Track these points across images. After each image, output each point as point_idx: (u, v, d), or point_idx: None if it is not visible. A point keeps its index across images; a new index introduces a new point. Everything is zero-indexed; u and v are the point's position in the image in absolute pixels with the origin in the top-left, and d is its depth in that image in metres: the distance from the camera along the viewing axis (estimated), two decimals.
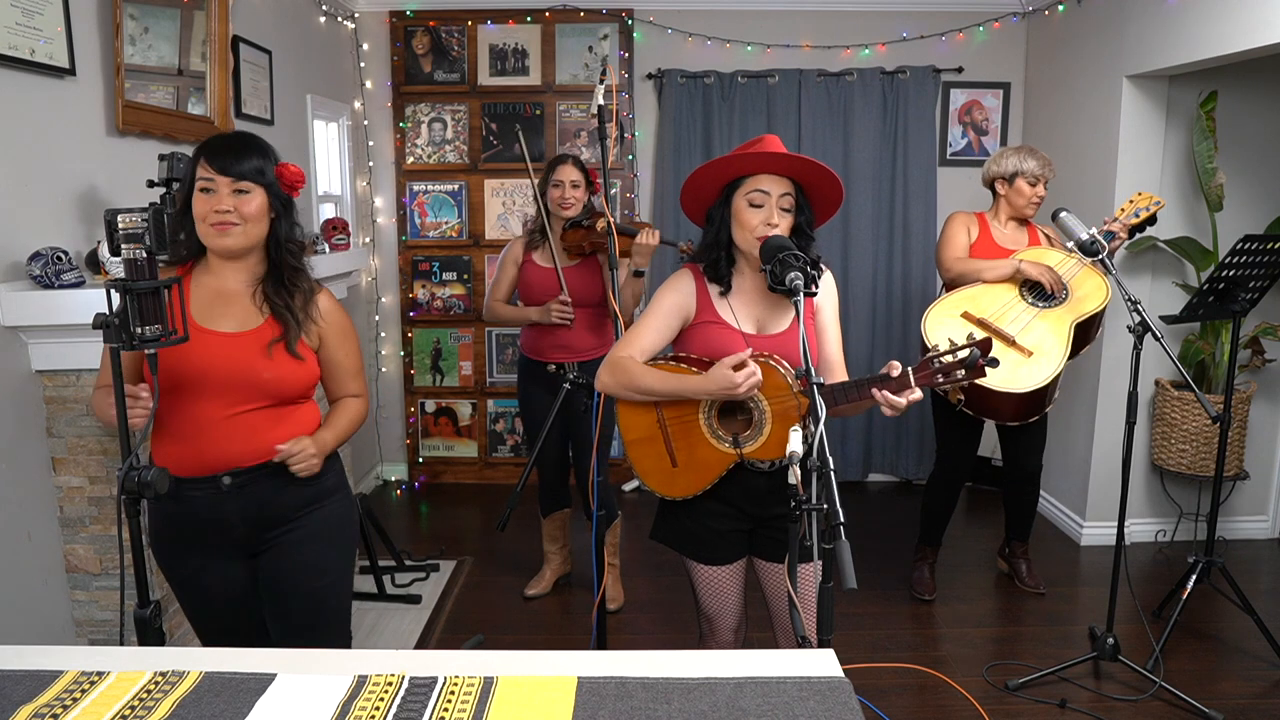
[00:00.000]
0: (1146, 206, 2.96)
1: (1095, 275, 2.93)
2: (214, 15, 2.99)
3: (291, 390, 1.78)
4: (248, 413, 1.73)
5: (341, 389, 1.92)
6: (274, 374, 1.73)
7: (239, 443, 1.73)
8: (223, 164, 1.67)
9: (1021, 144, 3.23)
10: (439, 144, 4.61)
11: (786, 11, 4.48)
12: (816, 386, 1.49)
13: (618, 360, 1.91)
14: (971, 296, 2.95)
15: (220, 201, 1.67)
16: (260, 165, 1.71)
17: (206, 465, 1.74)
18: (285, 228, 1.77)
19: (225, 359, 1.71)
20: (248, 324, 1.75)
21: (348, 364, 1.90)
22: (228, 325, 1.74)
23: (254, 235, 1.72)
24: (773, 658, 1.24)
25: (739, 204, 1.87)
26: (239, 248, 1.72)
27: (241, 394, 1.72)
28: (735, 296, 1.94)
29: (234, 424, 1.73)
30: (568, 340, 3.14)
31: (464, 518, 4.39)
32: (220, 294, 1.76)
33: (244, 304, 1.76)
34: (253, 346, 1.73)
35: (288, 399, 1.78)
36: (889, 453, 4.79)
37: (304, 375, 1.79)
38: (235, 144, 1.71)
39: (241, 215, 1.68)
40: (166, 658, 1.27)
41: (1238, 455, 3.66)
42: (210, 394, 1.71)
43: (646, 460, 1.97)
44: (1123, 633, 2.88)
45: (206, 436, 1.72)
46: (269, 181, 1.72)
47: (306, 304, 1.80)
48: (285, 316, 1.75)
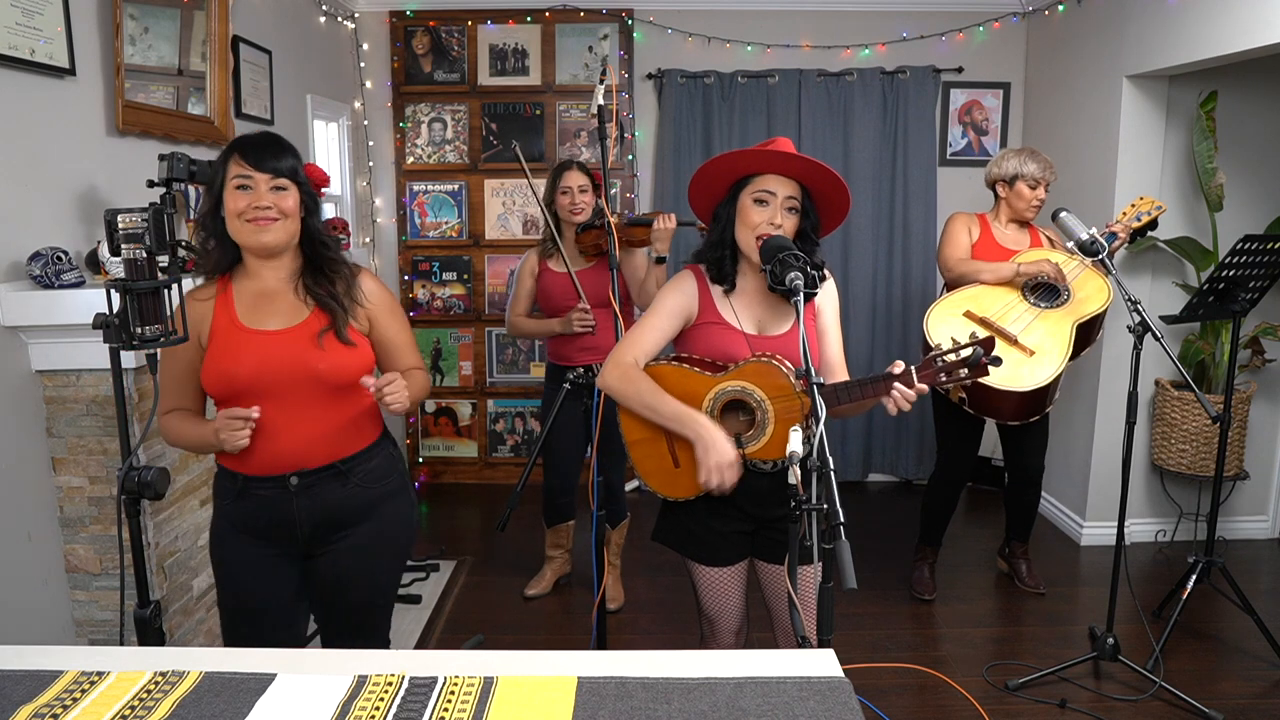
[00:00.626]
0: (1148, 211, 2.96)
1: (1097, 277, 2.93)
2: (214, 15, 2.99)
3: (348, 377, 1.76)
4: (309, 409, 1.74)
5: (401, 364, 1.91)
6: (329, 364, 1.73)
7: (305, 441, 1.75)
8: (260, 160, 1.67)
9: (1023, 146, 3.23)
10: (439, 144, 4.61)
11: (786, 11, 4.48)
12: (818, 386, 1.49)
13: (625, 367, 1.90)
14: (973, 296, 2.96)
15: (260, 198, 1.67)
16: (294, 164, 1.72)
17: (275, 465, 1.75)
18: (316, 224, 1.78)
19: (279, 356, 1.71)
20: (295, 319, 1.75)
21: (400, 340, 1.90)
22: (275, 323, 1.74)
23: (291, 230, 1.73)
24: (773, 658, 1.24)
25: (744, 201, 1.87)
26: (278, 244, 1.72)
27: (300, 389, 1.73)
28: (737, 297, 1.94)
29: (298, 422, 1.73)
30: (594, 342, 3.13)
31: (464, 518, 4.39)
32: (262, 294, 1.76)
33: (288, 300, 1.76)
34: (303, 340, 1.73)
35: (345, 387, 1.77)
36: (889, 453, 4.79)
37: (359, 360, 1.78)
38: (271, 142, 1.72)
39: (281, 210, 1.69)
40: (166, 658, 1.27)
41: (1238, 455, 3.66)
42: (271, 395, 1.71)
43: (648, 461, 1.97)
44: (1123, 633, 2.88)
45: (272, 437, 1.73)
46: (302, 180, 1.74)
47: (350, 289, 1.79)
48: (330, 305, 1.75)
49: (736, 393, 1.84)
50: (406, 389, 1.76)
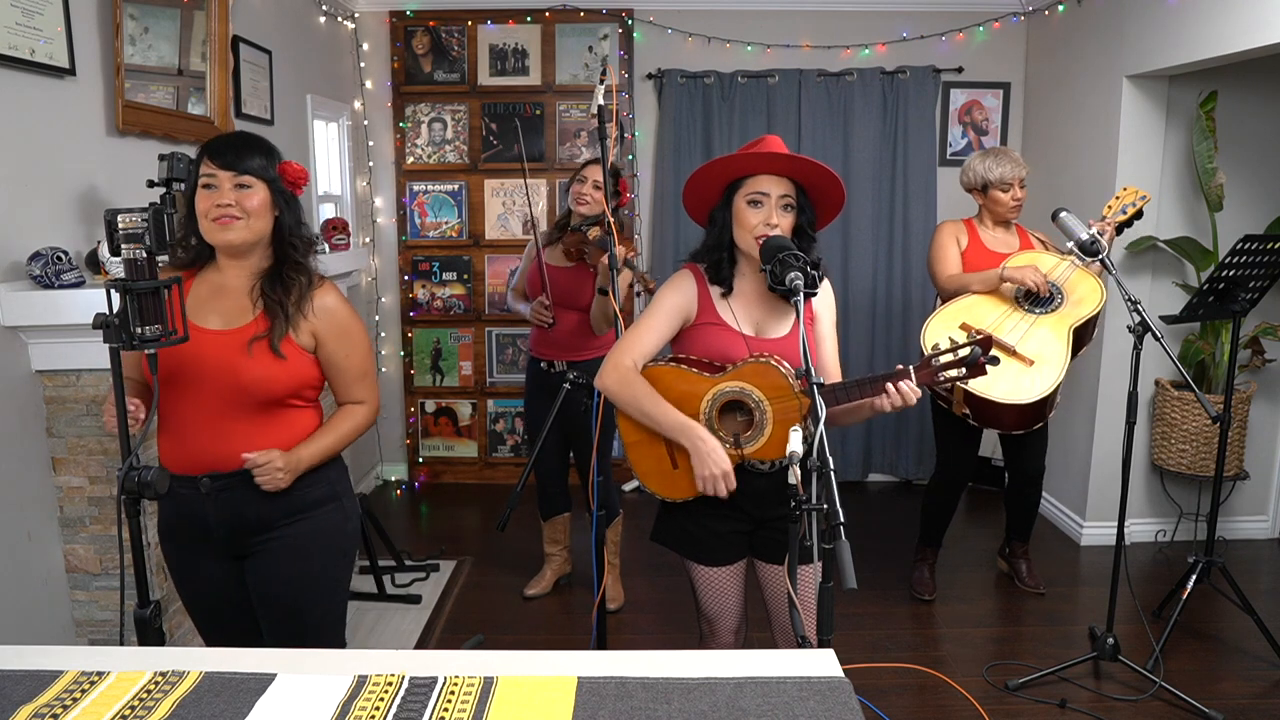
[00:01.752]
0: (1133, 202, 2.95)
1: (1090, 278, 2.93)
2: (214, 15, 2.99)
3: (273, 391, 1.71)
4: (231, 414, 1.70)
5: (344, 394, 1.85)
6: (253, 375, 1.68)
7: (220, 445, 1.71)
8: (224, 160, 1.67)
9: (989, 148, 3.20)
10: (439, 144, 4.61)
11: (786, 11, 4.48)
12: (817, 387, 1.49)
13: (623, 370, 1.90)
14: (968, 307, 2.95)
15: (222, 196, 1.66)
16: (262, 162, 1.71)
17: (190, 465, 1.72)
18: (290, 222, 1.75)
19: (205, 357, 1.68)
20: (236, 321, 1.72)
21: (347, 366, 1.81)
22: (214, 322, 1.72)
23: (256, 229, 1.71)
24: (773, 658, 1.24)
25: (739, 204, 1.87)
26: (241, 242, 1.70)
27: (222, 394, 1.69)
28: (735, 299, 1.94)
29: (216, 425, 1.70)
30: (557, 338, 3.18)
31: (464, 518, 4.39)
32: (219, 290, 1.74)
33: (239, 300, 1.73)
34: (234, 345, 1.69)
35: (271, 401, 1.72)
36: (889, 453, 4.79)
37: (288, 375, 1.71)
38: (236, 141, 1.71)
39: (243, 209, 1.68)
40: (166, 658, 1.27)
41: (1238, 455, 3.66)
42: (194, 392, 1.69)
43: (646, 462, 1.97)
44: (1123, 633, 2.88)
45: (190, 436, 1.71)
46: (271, 178, 1.72)
47: (301, 299, 1.74)
48: (273, 310, 1.70)
49: (735, 393, 1.84)
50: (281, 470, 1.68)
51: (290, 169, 1.75)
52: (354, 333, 1.82)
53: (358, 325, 1.84)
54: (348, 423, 1.85)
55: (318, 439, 1.80)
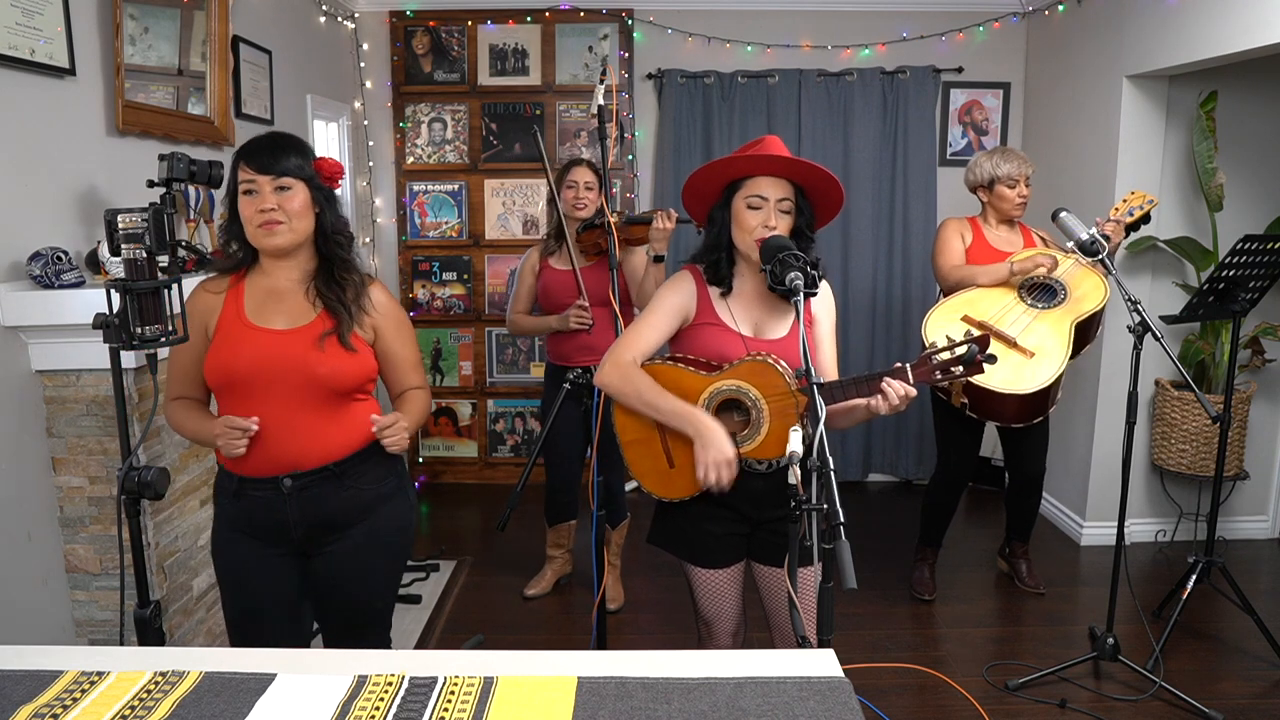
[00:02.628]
0: (1140, 205, 2.96)
1: (1093, 274, 2.93)
2: (214, 15, 2.99)
3: (347, 383, 1.76)
4: (306, 411, 1.74)
5: (402, 381, 1.92)
6: (328, 367, 1.73)
7: (299, 444, 1.74)
8: (262, 163, 1.68)
9: (994, 147, 3.21)
10: (439, 144, 4.61)
11: (786, 11, 4.48)
12: (814, 388, 1.49)
13: (624, 366, 1.90)
14: (970, 300, 2.95)
15: (264, 201, 1.68)
16: (299, 161, 1.72)
17: (269, 466, 1.75)
18: (331, 219, 1.78)
19: (279, 356, 1.71)
20: (300, 320, 1.75)
21: (405, 354, 1.90)
22: (280, 323, 1.74)
23: (301, 231, 1.73)
24: (773, 658, 1.24)
25: (738, 206, 1.87)
26: (288, 245, 1.72)
27: (297, 391, 1.72)
28: (734, 299, 1.94)
29: (293, 424, 1.73)
30: (592, 342, 3.12)
31: (464, 518, 4.40)
32: (272, 293, 1.77)
33: (296, 300, 1.76)
34: (305, 341, 1.73)
35: (344, 393, 1.77)
36: (889, 453, 4.79)
37: (358, 368, 1.78)
38: (272, 143, 1.72)
39: (286, 212, 1.69)
40: (166, 658, 1.27)
41: (1238, 455, 3.66)
42: (267, 393, 1.72)
43: (643, 461, 1.97)
44: (1123, 633, 2.88)
45: (267, 437, 1.73)
46: (309, 176, 1.73)
47: (358, 296, 1.80)
48: (337, 309, 1.76)
49: (731, 392, 1.84)
50: (407, 430, 1.81)
51: (326, 164, 1.77)
52: (406, 324, 1.92)
53: (406, 317, 1.94)
54: (420, 405, 1.94)
55: (411, 416, 1.88)
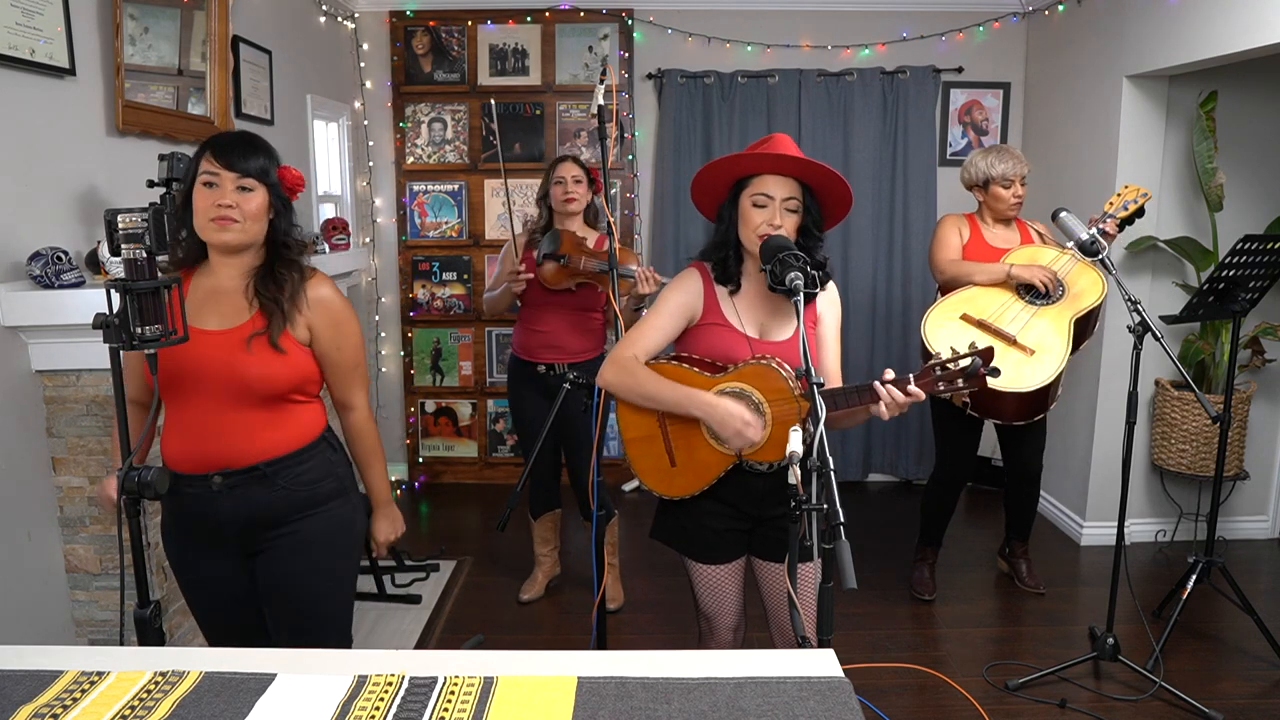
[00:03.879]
0: (1134, 199, 2.95)
1: (1091, 270, 2.93)
2: (214, 15, 2.99)
3: (276, 386, 1.72)
4: (238, 412, 1.71)
5: (338, 390, 1.87)
6: (256, 370, 1.69)
7: (229, 443, 1.72)
8: (229, 159, 1.67)
9: (990, 145, 3.20)
10: (439, 144, 4.61)
11: (786, 11, 4.48)
12: (815, 389, 1.49)
13: (623, 361, 1.90)
14: (969, 298, 2.95)
15: (223, 196, 1.67)
16: (265, 165, 1.71)
17: (199, 464, 1.73)
18: (284, 224, 1.76)
19: (207, 357, 1.69)
20: (234, 320, 1.73)
21: (340, 359, 1.82)
22: (213, 323, 1.73)
23: (252, 233, 1.71)
24: (773, 658, 1.24)
25: (744, 203, 1.87)
26: (237, 244, 1.70)
27: (228, 392, 1.70)
28: (740, 299, 1.94)
29: (224, 423, 1.71)
30: (556, 340, 3.13)
31: (464, 518, 4.39)
32: (214, 292, 1.75)
33: (235, 300, 1.74)
34: (234, 343, 1.70)
35: (275, 396, 1.73)
36: (889, 453, 4.78)
37: (289, 370, 1.73)
38: (242, 142, 1.71)
39: (243, 212, 1.68)
40: (166, 658, 1.27)
41: (1238, 455, 3.66)
42: (200, 392, 1.71)
43: (646, 460, 1.97)
44: (1123, 633, 2.88)
45: (199, 435, 1.72)
46: (272, 182, 1.72)
47: (295, 294, 1.75)
48: (270, 308, 1.71)
49: (735, 394, 1.84)
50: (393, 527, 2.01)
51: (289, 174, 1.75)
52: (348, 324, 1.83)
53: (351, 317, 1.85)
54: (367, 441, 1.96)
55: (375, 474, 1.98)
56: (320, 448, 1.84)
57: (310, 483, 1.80)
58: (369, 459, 1.96)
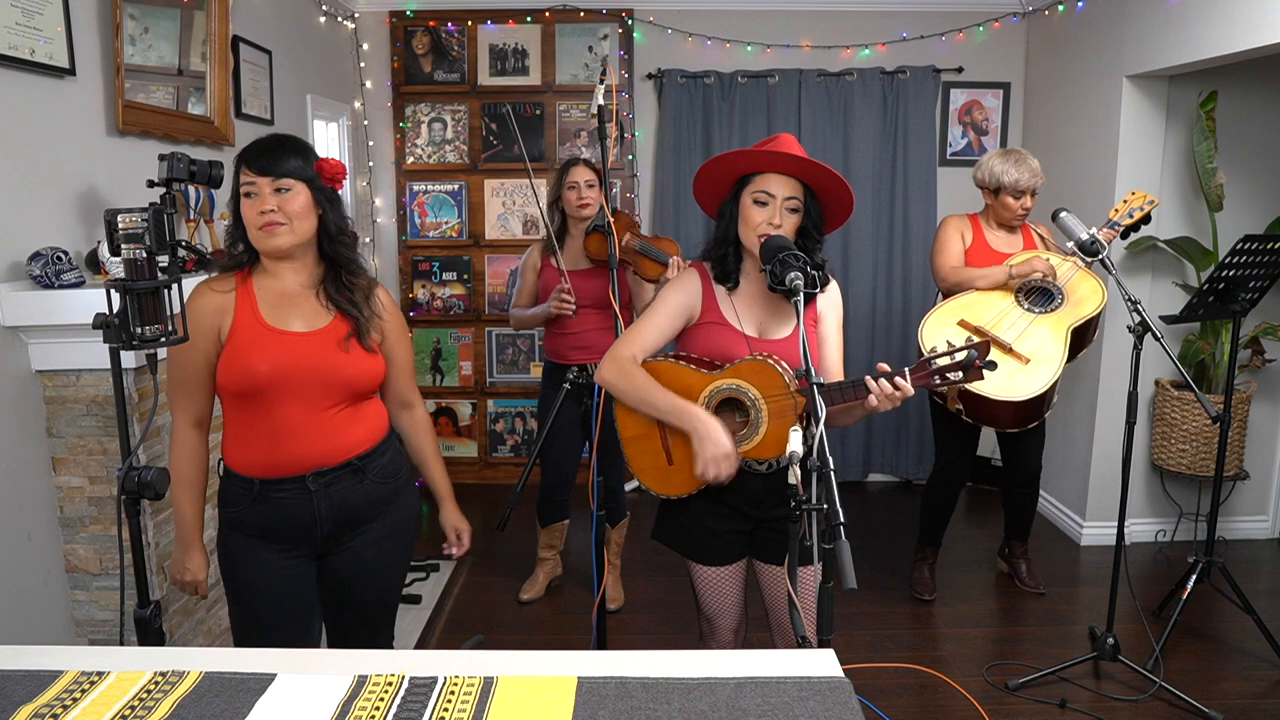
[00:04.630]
0: (1140, 206, 2.96)
1: (1091, 278, 2.93)
2: (214, 15, 2.98)
3: (368, 384, 1.81)
4: (326, 411, 1.76)
5: (399, 389, 1.96)
6: (353, 369, 1.77)
7: (322, 443, 1.76)
8: (261, 165, 1.68)
9: (1010, 148, 3.16)
10: (439, 144, 4.61)
11: (786, 11, 4.48)
12: (814, 389, 1.49)
13: (621, 361, 1.90)
14: (967, 304, 2.95)
15: (264, 203, 1.68)
16: (299, 162, 1.71)
17: (294, 466, 1.75)
18: (334, 220, 1.77)
19: (303, 358, 1.72)
20: (317, 322, 1.77)
21: (405, 359, 1.94)
22: (298, 325, 1.75)
23: (302, 232, 1.72)
24: (773, 658, 1.24)
25: (745, 201, 1.87)
26: (288, 246, 1.72)
27: (320, 392, 1.74)
28: (739, 298, 1.94)
29: (315, 424, 1.75)
30: (588, 341, 3.13)
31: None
32: (284, 295, 1.77)
33: (309, 303, 1.78)
34: (328, 343, 1.75)
35: (363, 394, 1.82)
36: (889, 453, 4.79)
37: (377, 368, 1.83)
38: (272, 145, 1.72)
39: (286, 214, 1.69)
40: (166, 658, 1.27)
41: (1238, 455, 3.66)
42: (290, 395, 1.72)
43: (643, 458, 1.97)
44: (1123, 633, 2.88)
45: (289, 438, 1.74)
46: (310, 177, 1.72)
47: (368, 299, 1.82)
48: (352, 312, 1.78)
49: (731, 391, 1.84)
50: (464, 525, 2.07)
51: (328, 165, 1.76)
52: (406, 328, 1.98)
53: (405, 322, 2.01)
54: (429, 439, 2.05)
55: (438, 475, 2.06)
56: (393, 439, 1.94)
57: (391, 473, 1.89)
58: (435, 453, 2.06)
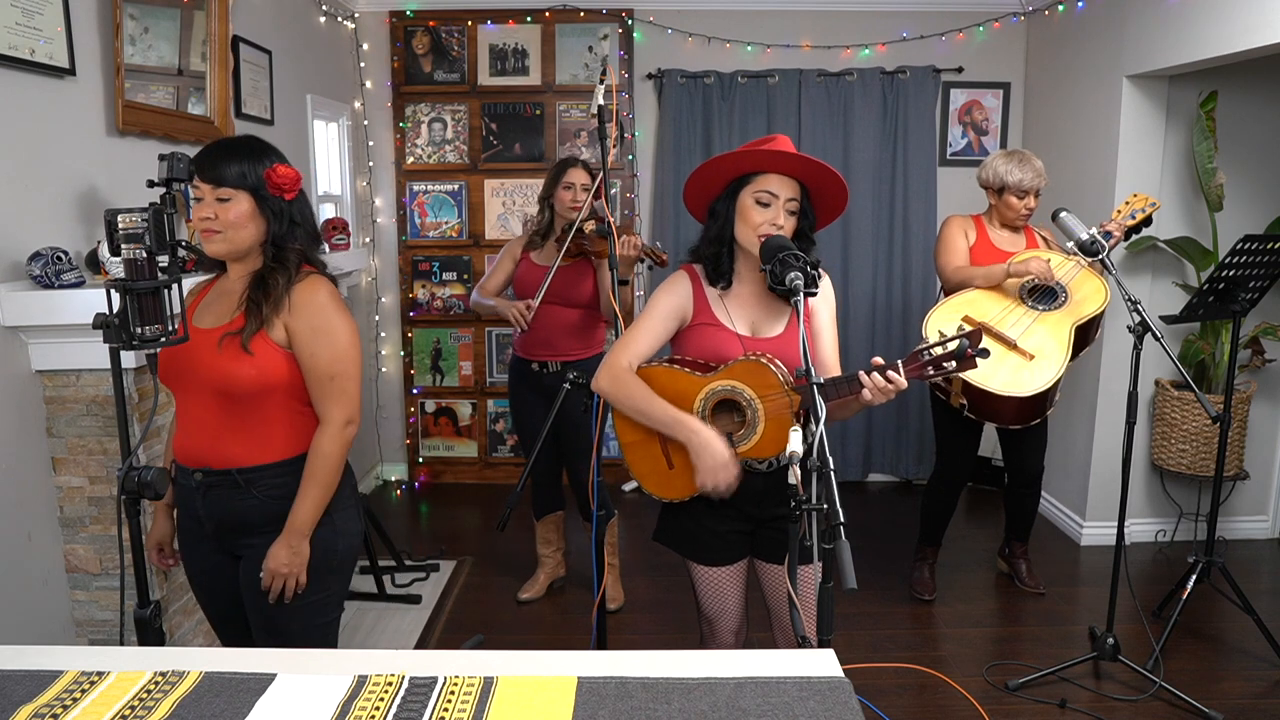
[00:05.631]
0: (1143, 208, 2.96)
1: (1094, 278, 2.93)
2: (214, 15, 2.99)
3: (241, 386, 1.67)
4: (217, 413, 1.71)
5: (315, 400, 1.75)
6: (221, 369, 1.66)
7: (210, 442, 1.73)
8: (204, 172, 1.67)
9: (1014, 149, 3.17)
10: (439, 144, 4.61)
11: (786, 11, 4.48)
12: (814, 389, 1.49)
13: (619, 373, 1.90)
14: (971, 300, 2.95)
15: (204, 209, 1.68)
16: (241, 170, 1.67)
17: (189, 458, 1.76)
18: (278, 229, 1.72)
19: (185, 353, 1.71)
20: (221, 319, 1.74)
21: (314, 365, 1.71)
22: (206, 321, 1.75)
23: (237, 241, 1.69)
24: (773, 658, 1.24)
25: (745, 201, 1.86)
26: (223, 254, 1.72)
27: (203, 391, 1.71)
28: (732, 299, 1.93)
29: (207, 422, 1.73)
30: (551, 339, 3.14)
31: (464, 518, 4.39)
32: (221, 293, 1.78)
33: (228, 302, 1.76)
34: (208, 341, 1.70)
35: (243, 397, 1.69)
36: (889, 453, 4.79)
37: (255, 372, 1.67)
38: (219, 151, 1.70)
39: (223, 223, 1.67)
40: (166, 658, 1.27)
41: (1238, 455, 3.66)
42: (187, 388, 1.73)
43: (643, 463, 1.97)
44: (1123, 633, 2.88)
45: (189, 431, 1.75)
46: (253, 186, 1.68)
47: (278, 296, 1.70)
48: (250, 309, 1.69)
49: (726, 392, 1.84)
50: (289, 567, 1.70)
51: (276, 174, 1.69)
52: (329, 331, 1.72)
53: (338, 325, 1.73)
54: (316, 462, 1.73)
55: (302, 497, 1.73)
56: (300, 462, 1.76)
57: (289, 496, 1.73)
58: (308, 479, 1.73)
